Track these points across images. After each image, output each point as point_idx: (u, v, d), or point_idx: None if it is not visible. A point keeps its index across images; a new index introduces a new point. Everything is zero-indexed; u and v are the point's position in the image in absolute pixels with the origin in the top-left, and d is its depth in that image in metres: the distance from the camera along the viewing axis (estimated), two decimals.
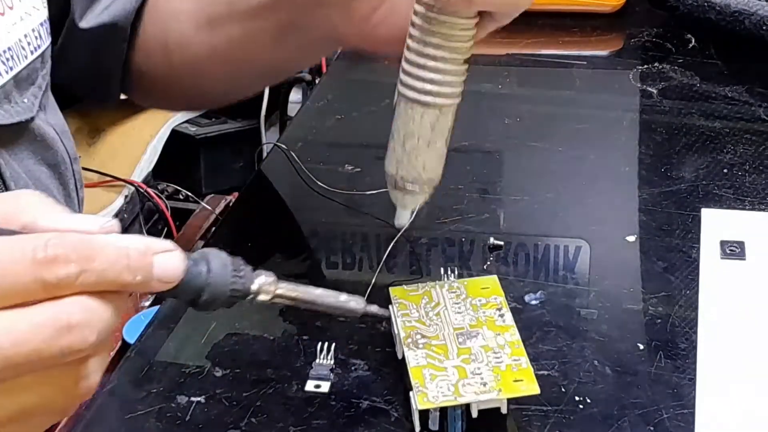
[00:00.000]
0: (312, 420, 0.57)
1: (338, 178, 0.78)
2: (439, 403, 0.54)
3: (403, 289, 0.61)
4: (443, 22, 0.56)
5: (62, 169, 0.67)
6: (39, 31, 0.64)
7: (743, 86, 0.89)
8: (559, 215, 0.74)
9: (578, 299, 0.65)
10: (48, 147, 0.65)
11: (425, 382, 0.55)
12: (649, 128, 0.84)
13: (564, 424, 0.56)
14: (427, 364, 0.56)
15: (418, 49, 0.56)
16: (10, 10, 0.61)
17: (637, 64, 0.93)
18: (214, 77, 0.75)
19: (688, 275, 0.66)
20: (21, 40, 0.62)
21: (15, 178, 0.61)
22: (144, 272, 0.45)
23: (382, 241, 0.70)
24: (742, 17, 0.93)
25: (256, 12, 0.67)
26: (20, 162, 0.62)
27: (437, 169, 0.60)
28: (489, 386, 0.55)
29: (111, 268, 0.43)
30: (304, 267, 0.71)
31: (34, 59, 0.63)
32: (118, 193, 1.41)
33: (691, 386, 0.58)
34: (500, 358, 0.57)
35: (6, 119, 0.60)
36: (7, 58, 0.60)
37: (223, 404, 0.59)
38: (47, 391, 0.44)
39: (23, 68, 0.62)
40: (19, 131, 0.62)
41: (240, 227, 0.77)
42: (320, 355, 0.61)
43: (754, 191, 0.75)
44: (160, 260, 0.45)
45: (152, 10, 0.75)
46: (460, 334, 0.58)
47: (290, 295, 0.52)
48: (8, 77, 0.60)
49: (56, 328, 0.42)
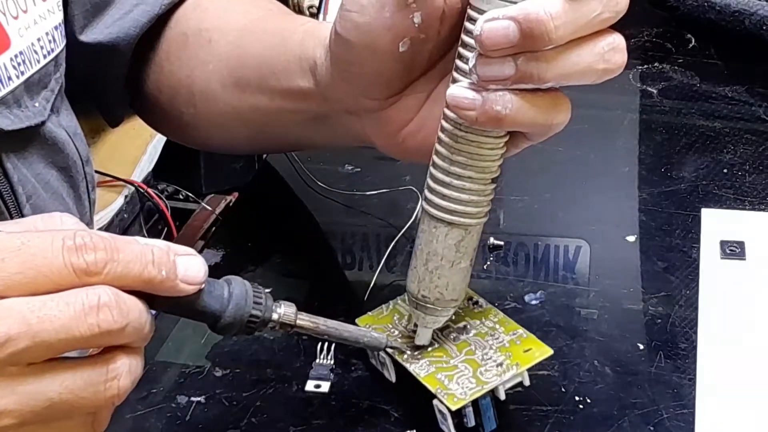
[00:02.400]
0: (312, 420, 0.57)
1: (338, 178, 0.78)
2: (470, 397, 0.54)
3: (369, 315, 0.60)
4: (471, 140, 0.52)
5: (73, 172, 0.66)
6: (53, 35, 0.63)
7: (743, 86, 0.89)
8: (559, 215, 0.74)
9: (578, 299, 0.65)
10: (59, 150, 0.64)
11: (445, 384, 0.55)
12: (649, 128, 0.84)
13: (564, 424, 0.56)
14: (436, 369, 0.56)
15: (444, 167, 0.53)
16: (24, 14, 0.60)
17: (637, 64, 0.93)
18: (238, 134, 0.72)
19: (688, 275, 0.66)
20: (34, 44, 0.61)
21: (23, 182, 0.61)
22: (168, 269, 0.46)
23: (382, 241, 0.70)
24: (742, 17, 0.93)
25: (286, 93, 0.65)
26: (29, 166, 0.62)
27: (461, 289, 0.56)
28: (506, 365, 0.55)
29: (137, 261, 0.45)
30: (304, 267, 0.71)
31: (47, 63, 0.62)
32: (118, 193, 1.41)
33: (691, 386, 0.58)
34: (499, 338, 0.57)
35: (15, 124, 0.60)
36: (18, 62, 0.60)
37: (223, 404, 0.59)
38: (75, 386, 0.44)
39: (35, 72, 0.61)
40: (29, 136, 0.62)
41: (240, 227, 0.77)
42: (320, 355, 0.61)
43: (754, 191, 0.75)
44: (183, 261, 0.46)
45: (181, 49, 0.72)
46: (448, 333, 0.58)
47: (310, 326, 0.52)
48: (18, 82, 0.60)
49: (85, 306, 0.43)
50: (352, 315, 0.59)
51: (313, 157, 0.80)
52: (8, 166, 0.60)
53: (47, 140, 0.63)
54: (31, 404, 0.44)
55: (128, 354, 0.45)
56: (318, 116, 0.64)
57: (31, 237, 0.44)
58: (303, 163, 0.79)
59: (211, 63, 0.69)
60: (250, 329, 0.50)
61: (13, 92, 0.59)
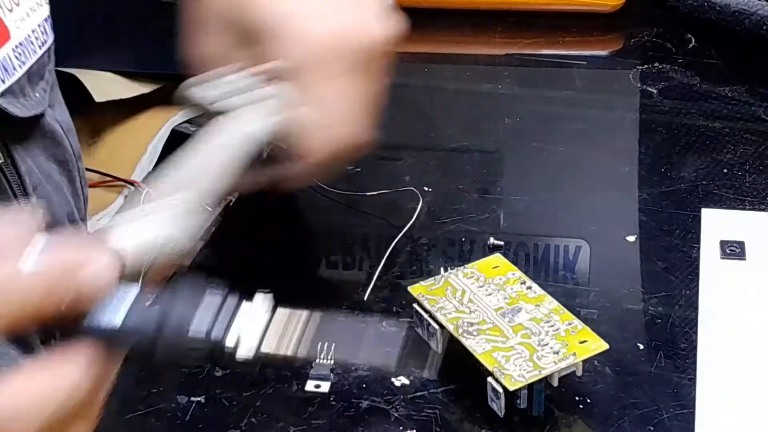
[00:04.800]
0: (312, 420, 0.57)
1: (338, 178, 0.78)
2: (528, 380, 0.55)
3: (422, 285, 0.61)
4: None
5: (70, 166, 0.67)
6: (44, 27, 0.64)
7: (743, 86, 0.89)
8: (559, 215, 0.74)
9: (578, 299, 0.65)
10: (57, 143, 0.66)
11: (502, 364, 0.55)
12: (649, 128, 0.84)
13: (564, 424, 0.56)
14: (493, 348, 0.57)
15: None
16: (18, 7, 0.61)
17: (637, 64, 0.93)
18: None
19: (688, 275, 0.66)
20: (29, 36, 0.62)
21: (29, 173, 0.62)
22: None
23: (382, 241, 0.70)
24: (742, 17, 0.93)
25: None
26: (33, 158, 0.63)
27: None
28: (562, 353, 0.56)
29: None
30: (304, 267, 0.71)
31: (42, 54, 0.64)
32: (118, 193, 1.40)
33: (691, 386, 0.58)
34: (555, 325, 0.58)
35: (23, 113, 0.61)
36: (19, 53, 0.61)
37: (223, 404, 0.59)
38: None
39: (34, 63, 0.63)
40: (31, 126, 0.63)
41: (240, 227, 0.77)
42: (320, 355, 0.61)
43: (754, 191, 0.75)
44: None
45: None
46: (503, 314, 0.59)
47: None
48: (21, 72, 0.61)
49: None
50: (352, 315, 0.59)
51: None
52: (16, 156, 0.61)
53: (47, 132, 0.65)
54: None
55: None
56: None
57: None
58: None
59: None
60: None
61: (18, 81, 0.61)
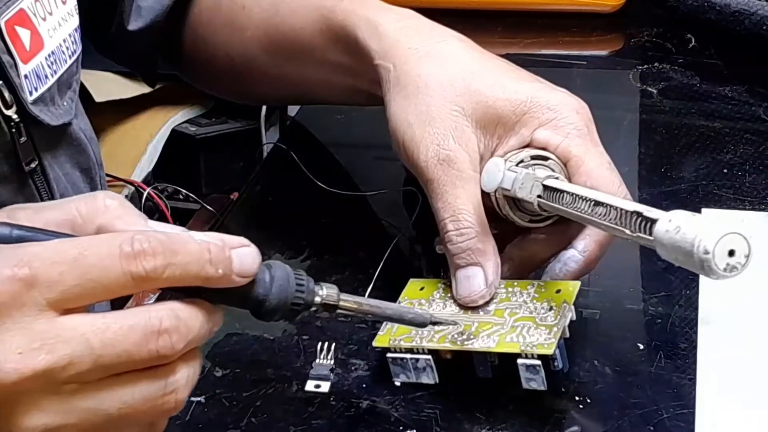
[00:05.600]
0: (312, 420, 0.57)
1: (338, 178, 0.78)
2: (556, 337, 0.55)
3: (381, 335, 0.60)
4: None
5: (92, 174, 0.68)
6: (74, 37, 0.65)
7: (743, 86, 0.89)
8: None
9: (578, 299, 0.65)
10: (82, 151, 0.67)
11: (522, 341, 0.55)
12: (649, 128, 0.84)
13: (564, 425, 0.56)
14: (500, 338, 0.56)
15: None
16: (51, 16, 0.62)
17: (637, 64, 0.93)
18: (282, 94, 0.78)
19: (688, 275, 0.66)
20: (60, 45, 0.63)
21: (57, 180, 0.63)
22: (224, 265, 0.46)
23: (382, 241, 0.70)
24: (742, 17, 0.93)
25: (332, 66, 0.69)
26: (60, 165, 0.64)
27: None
28: (555, 307, 0.57)
29: (195, 262, 0.45)
30: (304, 267, 0.71)
31: (72, 63, 0.65)
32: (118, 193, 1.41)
33: (691, 386, 0.58)
34: (525, 293, 0.59)
35: (53, 120, 0.62)
36: (52, 61, 0.62)
37: (223, 404, 0.59)
38: (134, 401, 0.44)
39: (64, 72, 0.64)
40: (60, 134, 0.64)
41: (240, 227, 0.77)
42: (320, 355, 0.61)
43: (754, 191, 0.75)
44: (238, 254, 0.47)
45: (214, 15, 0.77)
46: (474, 313, 0.59)
47: (353, 306, 0.52)
48: (53, 80, 0.62)
49: (147, 332, 0.44)
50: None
51: (313, 157, 0.80)
52: (45, 164, 0.62)
53: (73, 141, 0.66)
54: (90, 419, 0.44)
55: (187, 362, 0.46)
56: (353, 89, 0.69)
57: (87, 245, 0.44)
58: (303, 163, 0.79)
59: (249, 30, 0.73)
60: (294, 312, 0.49)
61: (49, 90, 0.62)
